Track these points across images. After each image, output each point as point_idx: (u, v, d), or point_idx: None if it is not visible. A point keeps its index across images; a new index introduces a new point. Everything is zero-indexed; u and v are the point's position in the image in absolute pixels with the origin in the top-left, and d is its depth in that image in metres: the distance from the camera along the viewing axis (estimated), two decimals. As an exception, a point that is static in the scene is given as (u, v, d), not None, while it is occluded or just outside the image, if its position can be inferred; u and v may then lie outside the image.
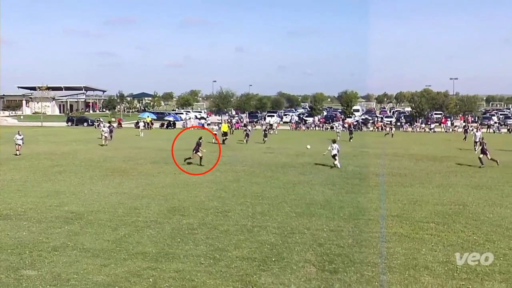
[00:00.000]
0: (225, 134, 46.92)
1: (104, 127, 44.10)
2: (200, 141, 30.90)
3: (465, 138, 48.15)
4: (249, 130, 49.65)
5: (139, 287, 11.20)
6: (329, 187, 23.05)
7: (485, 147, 29.99)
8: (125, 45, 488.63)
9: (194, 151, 30.04)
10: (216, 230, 15.64)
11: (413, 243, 14.33)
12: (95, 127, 66.21)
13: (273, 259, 12.97)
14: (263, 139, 46.88)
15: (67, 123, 78.25)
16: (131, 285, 11.31)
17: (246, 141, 46.32)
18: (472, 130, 47.32)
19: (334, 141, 30.50)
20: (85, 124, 76.30)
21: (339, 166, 28.86)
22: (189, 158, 30.17)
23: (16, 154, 34.34)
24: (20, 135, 35.49)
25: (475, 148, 36.71)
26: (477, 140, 37.62)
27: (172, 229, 15.77)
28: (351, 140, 50.48)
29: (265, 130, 50.26)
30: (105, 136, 41.85)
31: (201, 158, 29.74)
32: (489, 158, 29.63)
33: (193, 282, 11.44)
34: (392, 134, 56.36)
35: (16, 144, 35.05)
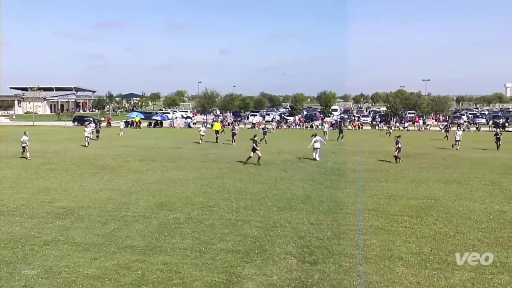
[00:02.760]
0: (217, 132, 46.82)
1: (86, 127, 41.57)
2: (255, 138, 30.01)
3: (446, 137, 48.05)
4: (237, 130, 47.53)
5: (128, 279, 11.16)
6: (309, 182, 23.14)
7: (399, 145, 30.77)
8: (114, 47, 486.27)
9: (253, 151, 29.29)
10: (201, 224, 15.62)
11: (388, 235, 14.45)
12: (87, 125, 65.44)
13: (256, 252, 12.99)
14: (263, 138, 43.51)
15: (73, 122, 76.73)
16: (120, 277, 11.27)
17: (233, 140, 44.03)
18: (454, 129, 47.96)
19: (314, 135, 31.56)
20: (106, 124, 73.99)
21: (317, 159, 29.68)
22: (249, 157, 29.48)
23: (25, 157, 31.37)
24: (27, 136, 32.37)
25: (456, 147, 38.32)
26: (459, 139, 39.18)
27: (160, 224, 15.73)
28: (342, 139, 48.58)
29: (264, 129, 46.81)
30: (87, 137, 39.96)
31: (259, 157, 29.20)
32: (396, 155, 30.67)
33: (180, 274, 11.43)
34: (390, 133, 55.36)
35: (22, 146, 31.91)
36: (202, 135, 44.66)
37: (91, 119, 69.20)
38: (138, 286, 10.77)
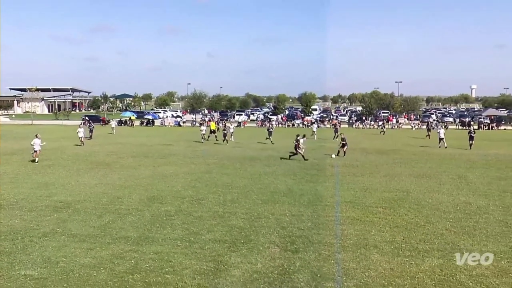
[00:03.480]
0: (213, 131, 46.48)
1: (80, 127, 39.02)
2: (299, 138, 29.80)
3: (428, 135, 46.48)
4: (228, 129, 44.35)
5: (122, 268, 11.11)
6: (291, 177, 23.20)
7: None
8: (107, 50, 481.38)
9: (297, 149, 29.24)
10: (191, 216, 15.60)
11: (364, 225, 14.55)
12: (81, 125, 64.48)
13: (242, 241, 13.01)
14: (268, 138, 42.00)
15: (82, 121, 74.11)
16: (115, 266, 11.22)
17: (226, 141, 40.65)
18: (436, 128, 47.03)
19: (303, 136, 31.14)
20: (101, 123, 72.47)
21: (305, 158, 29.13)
22: (294, 154, 29.54)
23: (34, 161, 28.43)
24: (39, 139, 28.89)
25: (439, 145, 37.62)
26: (442, 137, 38.30)
27: (152, 216, 15.67)
28: (336, 138, 44.17)
29: (268, 129, 44.06)
30: (80, 137, 38.07)
31: (303, 156, 29.19)
32: (344, 151, 31.06)
33: (171, 263, 11.41)
34: (384, 132, 55.30)
35: (35, 149, 28.65)
36: (204, 134, 43.72)
37: (86, 117, 68.41)
38: (132, 275, 10.73)
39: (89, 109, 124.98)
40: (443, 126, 50.76)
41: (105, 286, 10.14)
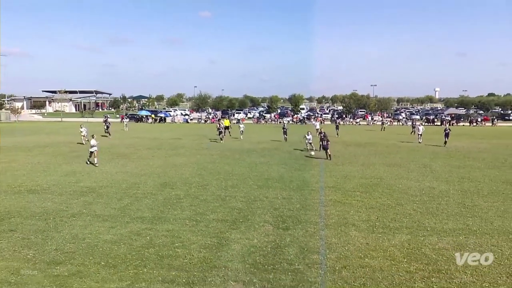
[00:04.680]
0: (226, 127, 44.57)
1: (81, 127, 35.08)
2: (323, 132, 27.90)
3: (413, 132, 43.11)
4: (222, 128, 40.88)
5: (139, 243, 11.14)
6: (283, 166, 23.21)
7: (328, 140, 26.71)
8: (123, 58, 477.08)
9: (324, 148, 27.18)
10: (197, 199, 15.62)
11: (344, 207, 14.61)
12: (104, 121, 63.97)
13: (241, 220, 13.04)
14: (285, 136, 37.59)
15: (136, 121, 71.08)
16: (133, 242, 11.24)
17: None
18: (416, 125, 44.25)
19: (308, 133, 30.42)
20: (149, 120, 70.86)
21: (312, 154, 27.50)
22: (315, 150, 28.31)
23: (93, 163, 26.10)
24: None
25: (418, 140, 36.00)
26: (420, 133, 36.40)
27: (164, 199, 15.68)
28: (337, 136, 42.36)
29: (284, 128, 38.73)
30: (83, 136, 34.39)
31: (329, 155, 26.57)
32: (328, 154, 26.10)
33: (180, 239, 11.44)
34: (384, 128, 52.79)
35: (91, 150, 26.67)
36: (221, 131, 38.20)
37: (107, 116, 67.92)
38: (147, 249, 10.76)
39: (110, 108, 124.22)
40: (422, 124, 49.64)
41: (125, 259, 10.16)
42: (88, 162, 23.79)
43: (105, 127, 41.92)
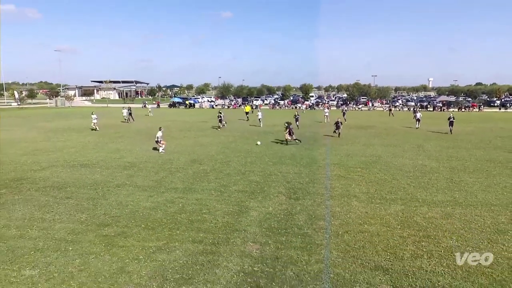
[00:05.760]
0: (247, 113, 43.81)
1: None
2: (339, 120, 26.92)
3: (414, 116, 37.28)
4: (256, 116, 37.65)
5: (173, 210, 11.34)
6: (294, 145, 23.14)
7: (292, 131, 23.81)
8: (156, 53, 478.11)
9: (338, 129, 26.76)
10: (221, 173, 15.75)
11: (347, 181, 14.56)
12: (143, 107, 64.44)
13: (258, 191, 13.14)
14: (296, 123, 32.78)
15: (169, 106, 70.76)
16: (168, 208, 11.45)
17: (218, 127, 32.68)
18: (415, 111, 39.36)
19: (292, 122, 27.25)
20: (182, 106, 70.70)
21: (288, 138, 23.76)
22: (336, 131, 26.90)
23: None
24: (161, 131, 28.71)
25: (416, 125, 33.59)
26: (418, 118, 33.86)
27: (193, 173, 15.86)
28: (345, 121, 38.45)
29: (296, 116, 34.17)
30: (94, 123, 31.88)
31: (287, 140, 23.71)
32: (293, 139, 23.57)
33: (207, 206, 11.60)
34: (392, 114, 50.05)
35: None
36: (260, 119, 35.95)
37: (145, 102, 68.29)
38: (180, 214, 10.95)
39: (148, 96, 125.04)
40: (419, 110, 47.19)
41: (161, 222, 10.39)
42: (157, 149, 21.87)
43: (129, 113, 40.52)
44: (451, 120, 29.82)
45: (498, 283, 7.44)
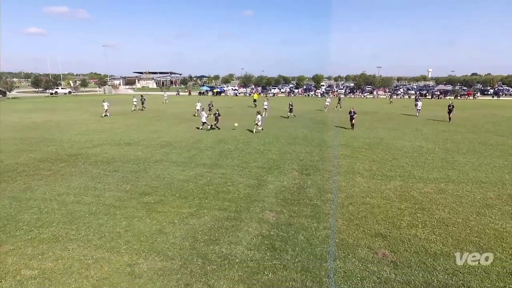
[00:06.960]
0: (254, 100, 43.10)
1: (104, 101, 30.98)
2: (353, 110, 22.95)
3: (416, 105, 33.89)
4: (267, 106, 33.01)
5: (202, 182, 11.51)
6: (306, 128, 22.95)
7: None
8: (187, 47, 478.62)
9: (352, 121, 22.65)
10: (243, 152, 15.82)
11: (352, 160, 14.40)
12: (176, 95, 64.56)
13: (275, 168, 13.16)
14: (290, 113, 30.21)
15: (199, 94, 69.98)
16: (198, 181, 11.63)
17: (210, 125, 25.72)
18: (416, 99, 35.83)
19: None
20: (209, 93, 70.58)
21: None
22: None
23: (106, 115, 29.48)
24: (106, 102, 29.87)
25: (416, 114, 31.02)
26: (419, 108, 31.28)
27: (219, 151, 15.99)
28: (340, 108, 38.81)
29: (290, 105, 30.80)
30: (106, 109, 30.04)
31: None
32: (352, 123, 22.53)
33: (231, 180, 11.72)
34: (391, 101, 47.84)
35: (104, 108, 29.88)
36: (266, 108, 32.41)
37: (179, 90, 68.48)
38: (208, 186, 11.12)
39: (181, 85, 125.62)
40: (420, 99, 44.86)
41: (192, 192, 10.58)
42: (201, 128, 22.17)
43: (142, 102, 37.62)
44: (450, 108, 27.33)
45: (485, 250, 7.30)
